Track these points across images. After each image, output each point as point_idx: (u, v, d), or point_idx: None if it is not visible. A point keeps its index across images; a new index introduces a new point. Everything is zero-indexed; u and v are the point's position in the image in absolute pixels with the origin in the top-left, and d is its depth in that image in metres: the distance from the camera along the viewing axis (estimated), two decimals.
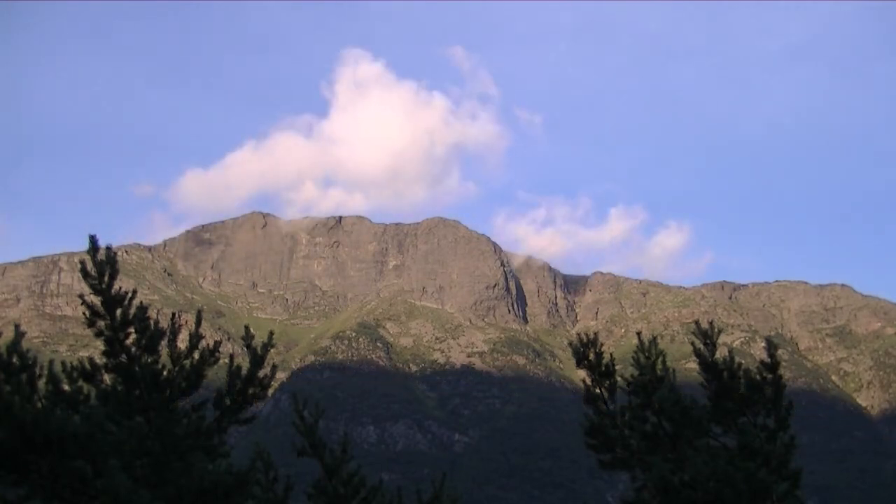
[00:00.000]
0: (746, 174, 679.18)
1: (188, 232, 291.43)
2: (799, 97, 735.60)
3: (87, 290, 13.08)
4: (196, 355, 13.47)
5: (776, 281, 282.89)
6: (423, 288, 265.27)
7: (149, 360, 12.92)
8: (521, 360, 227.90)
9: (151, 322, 13.11)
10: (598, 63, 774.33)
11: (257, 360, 13.96)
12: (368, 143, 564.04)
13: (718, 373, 15.08)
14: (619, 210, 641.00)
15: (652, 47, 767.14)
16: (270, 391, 14.27)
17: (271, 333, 14.88)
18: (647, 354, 15.32)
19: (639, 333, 16.80)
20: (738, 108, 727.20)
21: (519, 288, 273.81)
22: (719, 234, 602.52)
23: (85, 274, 12.74)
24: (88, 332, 13.17)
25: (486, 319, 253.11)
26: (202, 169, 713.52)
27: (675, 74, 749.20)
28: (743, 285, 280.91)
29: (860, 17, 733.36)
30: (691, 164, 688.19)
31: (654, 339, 15.71)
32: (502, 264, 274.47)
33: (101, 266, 12.72)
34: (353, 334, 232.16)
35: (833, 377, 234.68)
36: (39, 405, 11.90)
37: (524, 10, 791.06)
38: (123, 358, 12.86)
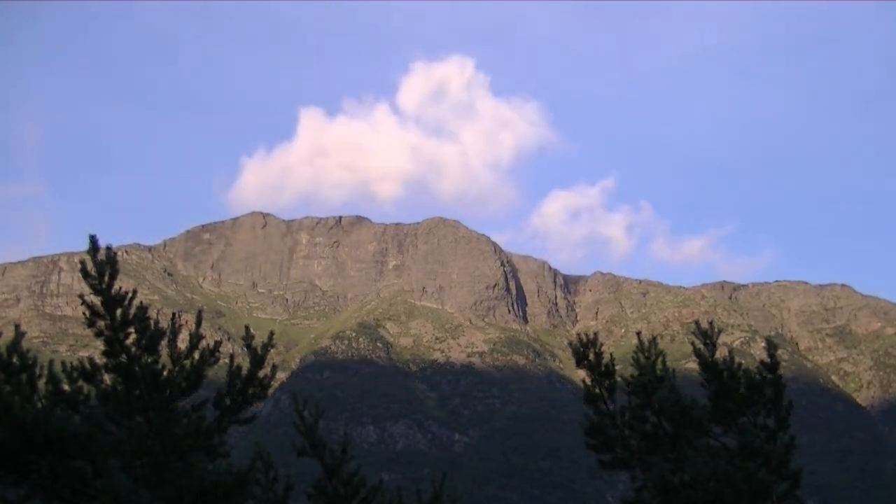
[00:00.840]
0: (746, 174, 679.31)
1: (188, 232, 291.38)
2: (796, 97, 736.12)
3: (87, 290, 13.08)
4: (196, 355, 13.48)
5: (776, 281, 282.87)
6: (423, 288, 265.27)
7: (149, 360, 12.93)
8: (521, 360, 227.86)
9: (151, 322, 13.11)
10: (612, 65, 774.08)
11: (257, 360, 13.97)
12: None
13: (718, 373, 15.08)
14: (620, 210, 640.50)
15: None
16: (270, 391, 14.27)
17: (271, 333, 14.88)
18: (647, 354, 15.32)
19: (639, 333, 16.81)
20: (737, 108, 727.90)
21: (519, 288, 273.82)
22: (719, 235, 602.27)
23: (85, 274, 12.74)
24: (88, 332, 13.18)
25: (486, 319, 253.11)
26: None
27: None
28: (743, 285, 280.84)
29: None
30: (691, 164, 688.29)
31: (654, 339, 15.72)
32: (502, 264, 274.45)
33: (101, 266, 12.72)
34: (353, 334, 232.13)
35: (833, 377, 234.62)
36: (39, 405, 11.90)
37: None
38: (123, 358, 12.87)
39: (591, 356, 15.37)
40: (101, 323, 12.85)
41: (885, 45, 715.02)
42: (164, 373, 13.03)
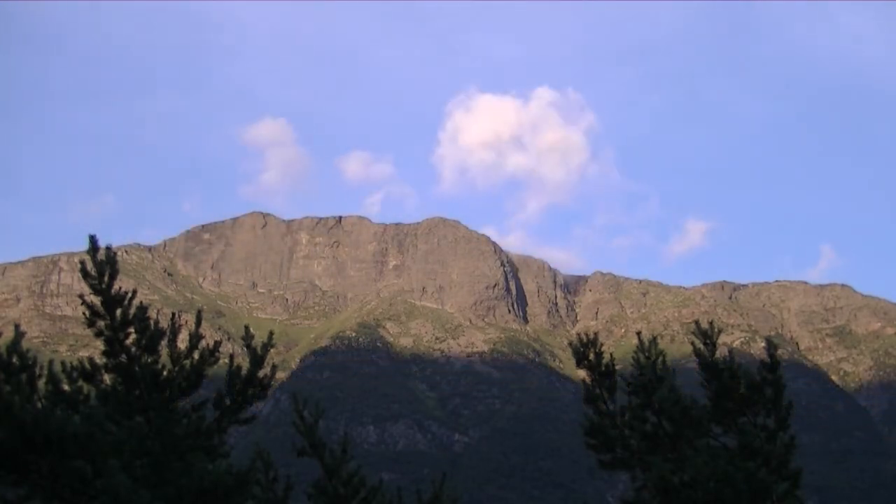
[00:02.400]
0: (746, 174, 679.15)
1: (188, 232, 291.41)
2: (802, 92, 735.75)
3: (87, 290, 13.08)
4: (196, 355, 13.48)
5: (776, 281, 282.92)
6: (423, 288, 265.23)
7: (149, 360, 12.93)
8: (521, 360, 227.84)
9: (151, 322, 13.11)
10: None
11: (257, 360, 13.97)
12: None
13: (718, 373, 15.07)
14: (620, 210, 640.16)
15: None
16: (270, 391, 14.27)
17: (271, 333, 14.88)
18: (647, 354, 15.32)
19: (639, 333, 16.80)
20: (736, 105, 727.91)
21: (519, 288, 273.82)
22: (720, 234, 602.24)
23: (85, 274, 12.74)
24: (88, 332, 13.17)
25: (486, 319, 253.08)
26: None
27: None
28: (743, 285, 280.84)
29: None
30: (692, 163, 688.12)
31: (655, 339, 15.72)
32: (502, 264, 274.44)
33: (101, 266, 12.72)
34: (353, 334, 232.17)
35: (833, 377, 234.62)
36: (39, 405, 11.90)
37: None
38: (123, 358, 12.87)
39: (592, 356, 15.36)
40: (101, 323, 12.85)
41: None
42: (164, 373, 13.03)
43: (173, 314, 13.98)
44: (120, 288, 13.03)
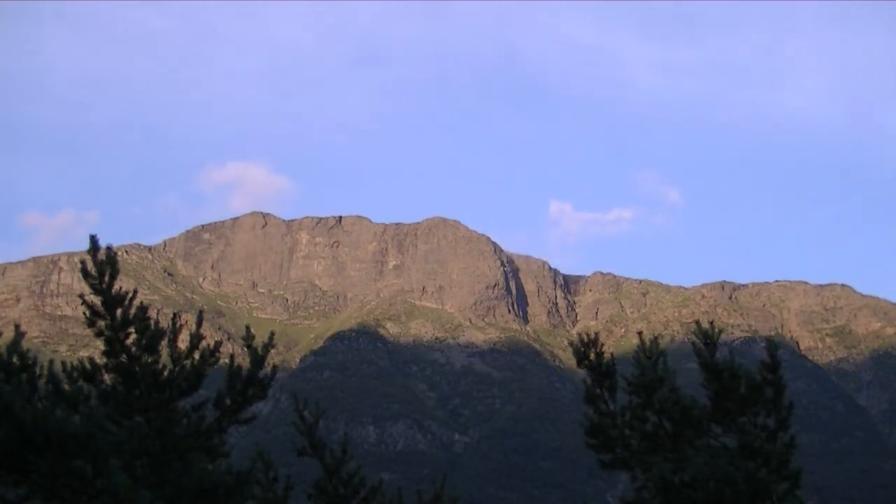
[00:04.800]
0: (746, 173, 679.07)
1: (188, 232, 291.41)
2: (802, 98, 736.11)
3: (87, 290, 13.07)
4: (196, 355, 13.47)
5: (776, 281, 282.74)
6: (423, 288, 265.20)
7: (149, 361, 12.92)
8: (521, 360, 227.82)
9: (151, 322, 13.10)
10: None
11: (257, 360, 13.96)
12: None
13: (719, 373, 15.07)
14: (619, 209, 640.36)
15: None
16: (270, 391, 14.26)
17: (272, 334, 14.88)
18: (647, 354, 15.31)
19: (640, 333, 16.81)
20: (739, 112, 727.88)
21: (519, 288, 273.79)
22: (719, 235, 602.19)
23: (85, 274, 12.73)
24: (88, 332, 13.16)
25: (486, 319, 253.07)
26: None
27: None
28: (743, 285, 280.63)
29: None
30: (693, 163, 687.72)
31: (656, 338, 15.71)
32: (502, 264, 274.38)
33: (102, 266, 12.71)
34: (353, 334, 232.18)
35: (833, 377, 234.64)
36: (39, 405, 11.90)
37: None
38: (123, 358, 12.86)
39: (592, 356, 15.36)
40: (101, 323, 12.84)
41: None
42: (165, 373, 13.02)
43: (174, 314, 13.97)
44: (120, 288, 13.02)
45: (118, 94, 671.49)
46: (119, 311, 12.84)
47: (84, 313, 13.01)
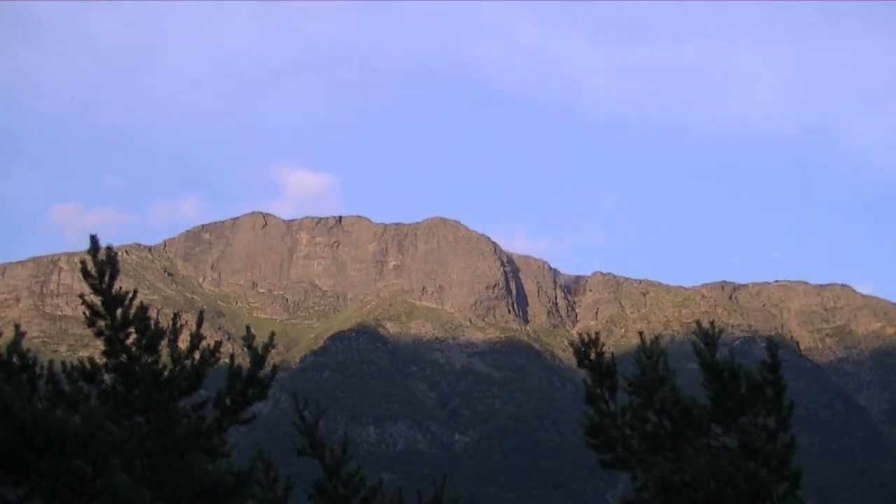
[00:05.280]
0: (745, 173, 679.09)
1: (188, 232, 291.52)
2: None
3: (87, 289, 13.06)
4: (196, 355, 13.47)
5: (776, 281, 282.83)
6: (423, 288, 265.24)
7: (149, 360, 12.92)
8: (521, 360, 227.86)
9: (151, 322, 13.10)
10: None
11: (258, 360, 13.95)
12: None
13: (719, 373, 15.06)
14: (619, 210, 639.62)
15: None
16: (270, 391, 14.26)
17: (272, 334, 14.87)
18: (647, 354, 15.31)
19: (641, 333, 16.81)
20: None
21: (519, 288, 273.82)
22: (719, 234, 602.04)
23: (85, 274, 12.73)
24: (88, 332, 13.16)
25: (486, 319, 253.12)
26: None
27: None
28: (743, 285, 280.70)
29: None
30: (693, 163, 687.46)
31: (656, 338, 15.71)
32: (502, 264, 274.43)
33: (102, 266, 12.71)
34: (353, 334, 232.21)
35: (833, 377, 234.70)
36: (39, 405, 11.90)
37: None
38: (124, 358, 12.85)
39: (593, 356, 15.35)
40: (101, 323, 12.84)
41: None
42: (164, 373, 13.02)
43: (174, 314, 13.97)
44: (120, 288, 13.02)
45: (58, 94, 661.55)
46: (119, 311, 12.84)
47: (84, 313, 13.01)
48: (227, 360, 14.11)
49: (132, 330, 12.89)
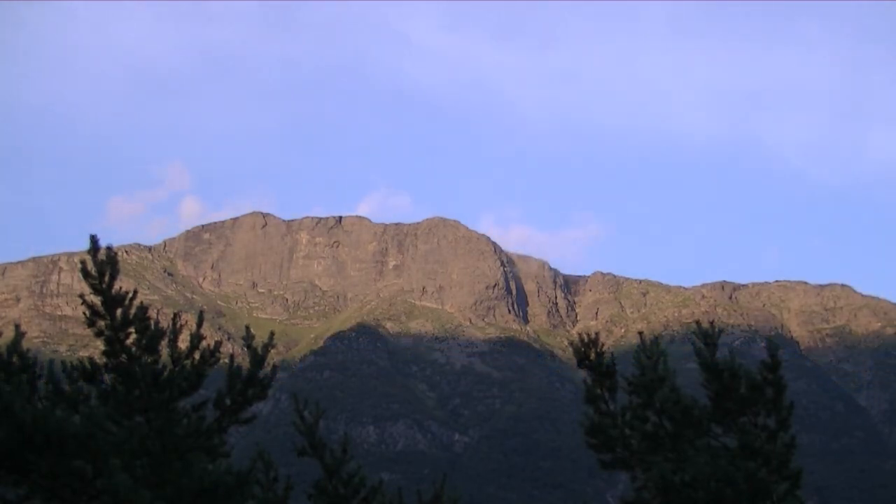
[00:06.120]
0: (745, 173, 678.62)
1: (188, 232, 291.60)
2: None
3: (87, 290, 13.07)
4: (196, 355, 13.47)
5: (776, 281, 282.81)
6: (423, 288, 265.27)
7: (149, 360, 12.92)
8: (521, 360, 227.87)
9: (151, 322, 13.11)
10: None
11: (258, 360, 13.96)
12: None
13: (719, 373, 15.06)
14: (618, 210, 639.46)
15: None
16: (270, 391, 14.26)
17: (272, 334, 14.87)
18: (647, 354, 15.31)
19: (641, 333, 16.81)
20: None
21: (519, 288, 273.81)
22: (718, 234, 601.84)
23: (85, 274, 12.73)
24: (88, 332, 13.16)
25: (486, 319, 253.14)
26: None
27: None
28: (743, 285, 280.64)
29: None
30: (693, 163, 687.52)
31: (657, 338, 15.70)
32: (502, 264, 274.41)
33: (102, 266, 12.71)
34: (353, 334, 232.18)
35: (833, 377, 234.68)
36: (39, 405, 11.90)
37: None
38: (123, 358, 12.86)
39: (593, 356, 15.35)
40: (101, 323, 12.84)
41: None
42: (165, 373, 13.02)
43: (174, 314, 13.97)
44: (120, 288, 13.02)
45: None
46: (119, 311, 12.84)
47: (84, 313, 13.02)
48: (227, 360, 14.12)
49: (132, 330, 12.90)
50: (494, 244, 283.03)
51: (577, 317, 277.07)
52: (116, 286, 12.92)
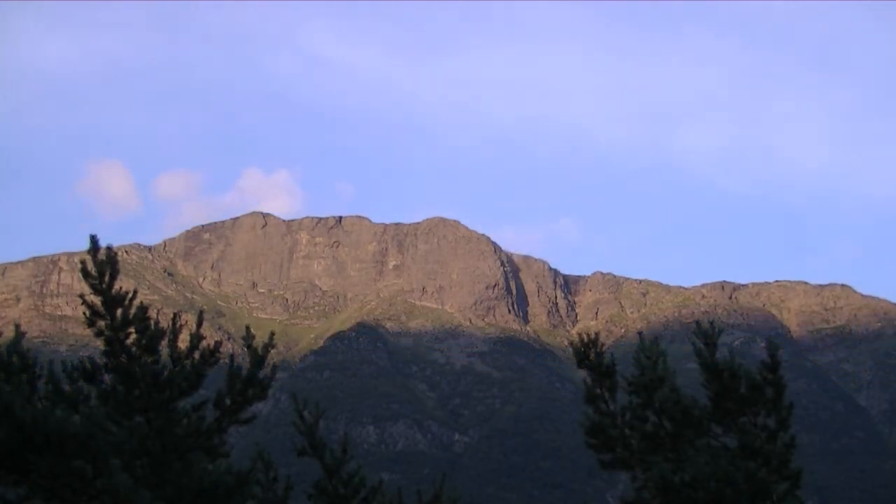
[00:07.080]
0: (745, 173, 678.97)
1: (188, 232, 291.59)
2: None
3: (87, 289, 13.07)
4: (196, 355, 13.47)
5: (776, 281, 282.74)
6: (423, 288, 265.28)
7: (149, 360, 12.92)
8: (521, 360, 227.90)
9: (151, 322, 13.11)
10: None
11: (257, 360, 13.96)
12: None
13: (719, 373, 15.06)
14: (618, 210, 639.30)
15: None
16: (270, 391, 14.26)
17: (272, 334, 14.87)
18: (648, 354, 15.31)
19: (640, 333, 16.81)
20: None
21: (519, 288, 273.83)
22: (717, 234, 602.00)
23: (85, 274, 12.73)
24: (88, 332, 13.16)
25: (486, 319, 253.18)
26: None
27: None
28: (743, 285, 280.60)
29: None
30: (694, 164, 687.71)
31: (657, 338, 15.70)
32: (502, 264, 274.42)
33: (102, 266, 12.71)
34: (353, 334, 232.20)
35: (833, 377, 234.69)
36: (39, 405, 11.90)
37: None
38: (123, 358, 12.86)
39: (593, 356, 15.35)
40: (101, 323, 12.84)
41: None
42: (165, 373, 13.02)
43: (174, 314, 13.97)
44: (120, 288, 13.02)
45: None
46: (119, 311, 12.84)
47: (84, 313, 13.02)
48: (227, 360, 14.12)
49: (132, 330, 12.90)
50: (494, 244, 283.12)
51: (577, 317, 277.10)
52: (116, 286, 12.92)
